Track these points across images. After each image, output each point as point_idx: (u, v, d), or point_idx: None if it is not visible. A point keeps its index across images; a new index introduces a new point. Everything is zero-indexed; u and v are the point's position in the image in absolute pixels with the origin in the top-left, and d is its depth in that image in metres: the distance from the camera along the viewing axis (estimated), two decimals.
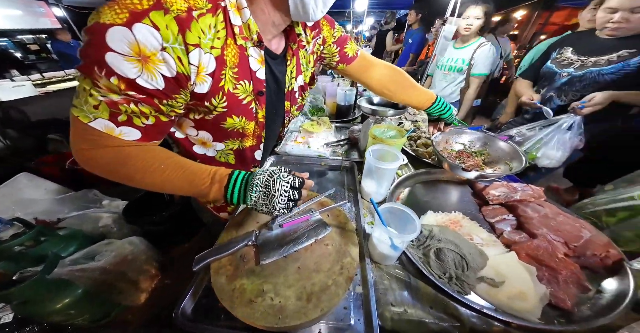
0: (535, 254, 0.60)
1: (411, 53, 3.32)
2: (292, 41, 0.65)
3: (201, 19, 0.44)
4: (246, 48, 0.54)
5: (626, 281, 0.53)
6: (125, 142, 0.46)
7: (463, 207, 0.81)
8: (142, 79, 0.41)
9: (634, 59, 1.10)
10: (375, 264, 0.61)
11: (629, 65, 1.11)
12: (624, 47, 1.13)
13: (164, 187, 0.51)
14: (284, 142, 1.13)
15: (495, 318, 0.49)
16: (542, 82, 1.41)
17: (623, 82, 1.13)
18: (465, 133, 1.02)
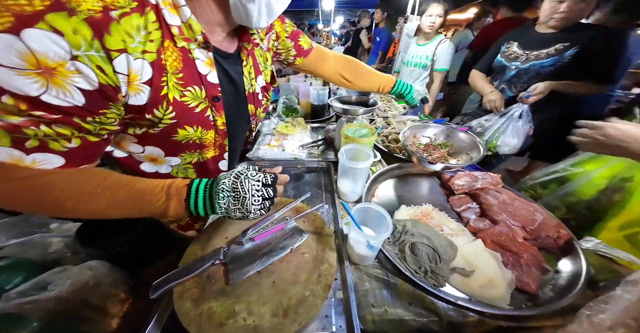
0: (499, 240, 0.60)
1: (380, 51, 3.29)
2: (245, 41, 0.57)
3: (124, 20, 0.35)
4: (190, 50, 0.45)
5: (578, 260, 0.54)
6: (43, 171, 0.36)
7: (433, 198, 0.80)
8: (50, 95, 0.31)
9: (567, 52, 1.14)
10: (354, 266, 0.57)
11: (564, 57, 1.16)
12: (559, 41, 1.17)
13: (108, 213, 0.42)
14: (256, 147, 1.04)
15: (469, 309, 0.47)
16: (495, 75, 1.44)
17: (560, 73, 1.18)
18: (430, 127, 1.01)
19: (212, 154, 0.60)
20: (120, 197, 0.41)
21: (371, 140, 0.79)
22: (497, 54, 1.40)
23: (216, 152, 0.61)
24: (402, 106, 1.52)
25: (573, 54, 1.13)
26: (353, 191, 0.76)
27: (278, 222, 0.59)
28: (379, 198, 0.80)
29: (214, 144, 0.58)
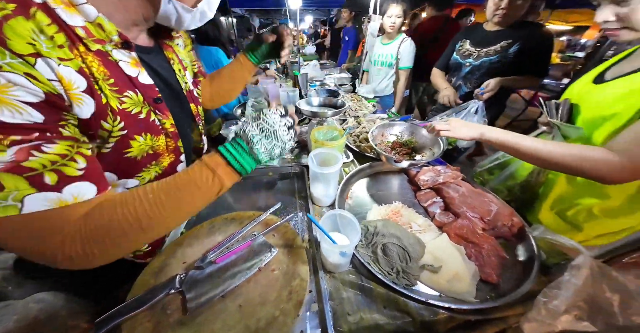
0: (461, 233, 0.60)
1: (349, 50, 3.21)
2: (166, 37, 0.50)
3: (12, 22, 0.26)
4: (108, 53, 0.37)
5: (531, 247, 0.55)
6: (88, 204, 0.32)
7: (402, 195, 0.78)
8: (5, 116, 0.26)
9: (510, 48, 1.16)
10: (329, 274, 0.54)
11: (508, 54, 1.17)
12: (504, 38, 1.17)
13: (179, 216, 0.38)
14: None
15: (439, 307, 0.46)
16: (452, 72, 1.44)
17: (506, 69, 1.19)
18: (396, 124, 0.98)
19: (168, 161, 0.52)
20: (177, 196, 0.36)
21: (340, 143, 0.75)
22: (453, 52, 1.40)
23: (172, 158, 0.53)
24: (372, 105, 1.49)
25: (515, 50, 1.15)
26: (326, 195, 0.71)
27: (244, 239, 0.53)
28: (353, 200, 0.76)
29: (167, 149, 0.50)
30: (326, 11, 6.45)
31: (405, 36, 1.66)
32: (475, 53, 1.28)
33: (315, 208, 0.72)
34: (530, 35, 1.12)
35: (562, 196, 0.67)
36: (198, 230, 0.56)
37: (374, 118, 1.24)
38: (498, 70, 1.20)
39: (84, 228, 0.31)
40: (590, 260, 0.41)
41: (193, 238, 0.53)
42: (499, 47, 1.19)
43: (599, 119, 0.57)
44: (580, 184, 0.63)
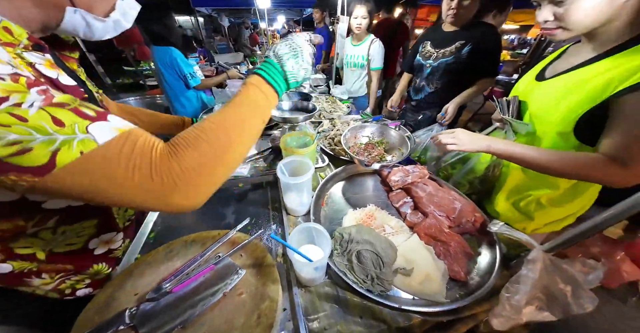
0: (430, 232, 0.61)
1: (323, 50, 3.18)
2: (65, 50, 0.46)
3: None
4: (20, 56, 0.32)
5: (493, 241, 0.58)
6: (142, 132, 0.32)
7: (376, 197, 0.78)
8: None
9: (463, 49, 1.17)
10: (304, 289, 0.51)
11: (462, 54, 1.19)
12: (458, 39, 1.19)
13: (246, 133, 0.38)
14: None
15: (413, 312, 0.46)
16: (417, 73, 1.45)
17: (460, 69, 1.21)
18: (367, 126, 0.98)
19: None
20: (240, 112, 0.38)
21: (311, 150, 0.72)
22: (417, 53, 1.41)
23: None
24: (346, 106, 1.48)
25: (468, 51, 1.18)
26: (300, 204, 0.69)
27: (207, 262, 0.48)
28: (329, 206, 0.74)
29: None
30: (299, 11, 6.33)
31: (374, 37, 1.66)
32: (434, 54, 1.29)
33: (290, 218, 0.69)
34: (481, 36, 1.14)
35: (515, 188, 0.72)
36: (153, 256, 0.50)
37: (349, 119, 1.23)
38: (454, 71, 1.23)
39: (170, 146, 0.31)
40: (542, 254, 0.43)
41: (146, 266, 0.48)
42: (454, 48, 1.21)
43: (543, 114, 0.61)
44: (530, 177, 0.67)
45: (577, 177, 0.54)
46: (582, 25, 0.49)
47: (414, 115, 1.49)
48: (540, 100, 0.62)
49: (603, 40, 0.52)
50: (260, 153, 0.98)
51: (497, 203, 0.76)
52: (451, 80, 1.27)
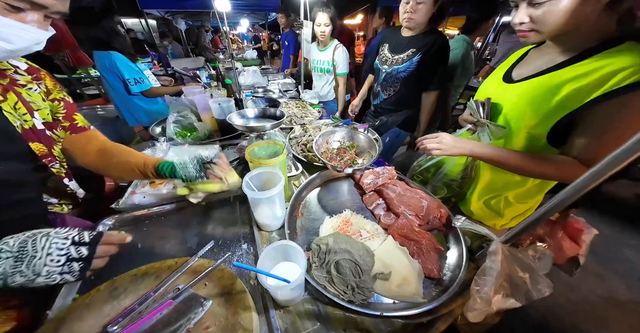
0: (403, 233, 0.62)
1: (291, 55, 3.14)
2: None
3: None
4: None
5: (458, 236, 0.60)
6: None
7: (351, 201, 0.78)
8: None
9: (414, 58, 1.13)
10: (283, 309, 0.47)
11: (413, 63, 1.14)
12: (411, 47, 1.14)
13: None
14: (130, 190, 0.73)
15: (394, 317, 0.45)
16: (376, 77, 1.41)
17: (410, 79, 1.17)
18: (337, 131, 0.97)
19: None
20: None
21: (281, 160, 0.68)
22: (377, 56, 1.36)
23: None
24: (317, 110, 1.46)
25: (418, 61, 1.12)
26: (274, 218, 0.64)
27: (163, 297, 0.41)
28: (305, 216, 0.71)
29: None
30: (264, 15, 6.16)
31: (338, 43, 1.66)
32: (389, 59, 1.24)
33: (263, 235, 0.64)
34: (430, 46, 1.10)
35: (486, 188, 0.75)
36: (93, 296, 0.41)
37: (320, 124, 1.21)
38: (404, 81, 1.20)
39: None
40: (500, 246, 0.46)
41: (84, 309, 0.39)
42: (406, 56, 1.16)
43: (517, 117, 0.60)
44: (499, 178, 0.71)
45: (554, 178, 0.58)
46: (556, 29, 0.49)
47: (372, 120, 1.43)
48: (513, 103, 0.61)
49: (569, 46, 0.53)
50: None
51: (470, 203, 0.80)
52: (402, 89, 1.25)
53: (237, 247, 0.59)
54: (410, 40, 1.16)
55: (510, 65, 0.69)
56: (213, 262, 0.48)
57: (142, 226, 0.64)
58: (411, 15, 1.06)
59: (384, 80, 1.30)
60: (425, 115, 1.30)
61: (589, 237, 0.81)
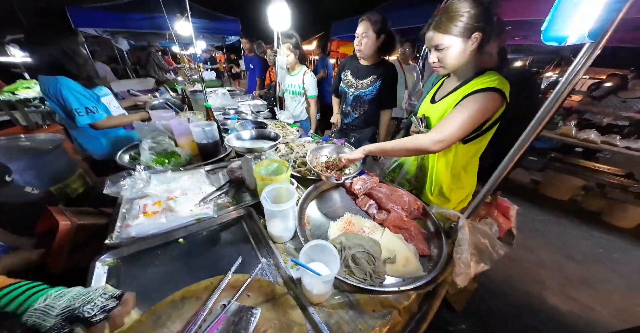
0: (396, 224, 0.76)
1: (257, 78, 3.24)
2: None
3: None
4: None
5: (433, 220, 0.78)
6: None
7: (347, 206, 0.88)
8: None
9: (376, 83, 1.37)
10: (317, 306, 0.53)
11: (375, 88, 1.38)
12: (371, 74, 1.37)
13: None
14: (119, 224, 0.68)
15: (408, 290, 0.56)
16: (342, 99, 1.63)
17: (375, 101, 1.42)
18: (324, 147, 1.10)
19: None
20: None
21: (287, 176, 0.75)
22: (341, 80, 1.58)
23: None
24: (296, 129, 1.56)
25: (379, 85, 1.37)
26: (286, 230, 0.69)
27: (212, 313, 0.43)
28: (311, 224, 0.78)
29: None
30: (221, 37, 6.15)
31: (307, 69, 1.84)
32: (355, 84, 1.46)
33: (279, 246, 0.68)
34: (385, 73, 1.35)
35: (436, 181, 0.96)
36: (136, 328, 0.40)
37: (303, 142, 1.31)
38: (371, 101, 1.46)
39: None
40: (465, 220, 0.64)
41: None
42: (369, 81, 1.40)
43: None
44: (442, 173, 0.92)
45: (417, 152, 0.84)
46: (452, 66, 0.76)
47: (340, 137, 1.62)
48: (437, 116, 0.86)
49: (461, 76, 0.81)
50: (219, 189, 0.90)
51: (427, 194, 1.00)
52: (370, 108, 1.51)
53: (257, 262, 0.62)
54: (370, 68, 1.39)
55: (434, 92, 0.97)
56: (248, 276, 0.50)
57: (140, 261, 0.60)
58: (360, 48, 1.32)
59: (353, 101, 1.51)
60: (383, 128, 1.56)
61: (514, 212, 1.11)
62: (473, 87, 0.74)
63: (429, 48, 0.79)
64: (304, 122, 1.99)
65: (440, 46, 0.74)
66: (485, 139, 0.83)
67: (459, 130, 0.72)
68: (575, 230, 2.17)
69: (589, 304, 1.47)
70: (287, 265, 0.60)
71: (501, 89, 0.71)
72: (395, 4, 3.57)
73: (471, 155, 0.87)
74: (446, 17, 0.70)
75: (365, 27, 1.26)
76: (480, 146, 0.85)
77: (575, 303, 1.49)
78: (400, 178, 1.09)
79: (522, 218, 2.27)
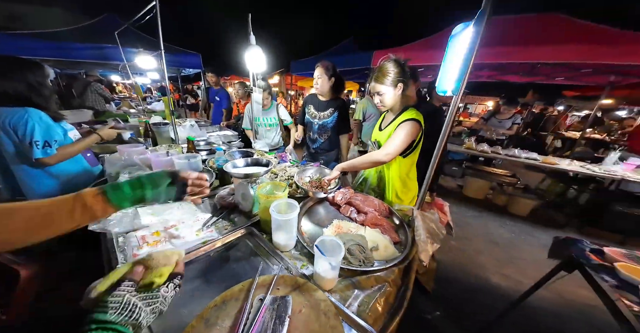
0: (373, 222, 0.97)
1: (223, 109, 3.31)
2: None
3: None
4: None
5: (397, 216, 1.03)
6: None
7: (333, 215, 1.06)
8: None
9: (334, 114, 1.76)
10: (330, 291, 0.65)
11: (334, 118, 1.77)
12: (329, 107, 1.75)
13: None
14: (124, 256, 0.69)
15: (393, 266, 0.75)
16: (309, 128, 1.95)
17: (336, 128, 1.81)
18: (306, 169, 1.29)
19: None
20: None
21: (286, 194, 0.90)
22: (305, 113, 1.92)
23: None
24: (274, 157, 1.72)
25: (336, 115, 1.80)
26: (290, 239, 0.81)
27: (254, 307, 0.52)
28: (309, 233, 0.92)
29: None
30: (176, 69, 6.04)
31: (278, 102, 2.17)
32: (317, 115, 1.84)
33: (285, 254, 0.79)
34: (340, 106, 1.76)
35: (392, 187, 1.27)
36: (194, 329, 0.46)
37: (284, 167, 1.48)
38: (333, 128, 1.82)
39: None
40: (417, 211, 0.91)
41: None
42: (329, 112, 1.78)
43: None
44: (395, 180, 1.24)
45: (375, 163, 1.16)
46: (388, 105, 1.13)
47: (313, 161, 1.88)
48: (383, 139, 1.21)
49: (394, 111, 1.19)
50: (217, 214, 0.96)
51: (387, 197, 1.29)
52: (332, 134, 1.86)
53: (270, 269, 0.71)
54: (328, 102, 1.78)
55: (380, 122, 1.33)
56: (272, 275, 0.61)
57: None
58: (317, 87, 1.70)
59: (319, 129, 1.85)
60: (344, 149, 1.91)
61: (447, 208, 1.49)
62: (402, 118, 1.11)
63: (374, 93, 1.15)
64: (282, 149, 2.20)
65: (380, 92, 1.11)
66: (416, 153, 1.20)
67: (398, 146, 1.08)
68: (493, 222, 2.82)
69: (517, 278, 1.91)
70: (297, 267, 0.72)
71: (418, 119, 1.09)
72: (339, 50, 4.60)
73: (410, 165, 1.23)
74: (381, 74, 1.08)
75: (320, 72, 1.65)
76: (414, 159, 1.22)
77: (509, 279, 1.90)
78: (367, 189, 1.37)
79: (456, 215, 2.87)
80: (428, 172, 0.91)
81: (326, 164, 1.85)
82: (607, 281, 0.80)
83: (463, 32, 0.78)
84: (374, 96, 1.16)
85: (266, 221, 0.87)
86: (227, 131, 2.46)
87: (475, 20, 0.71)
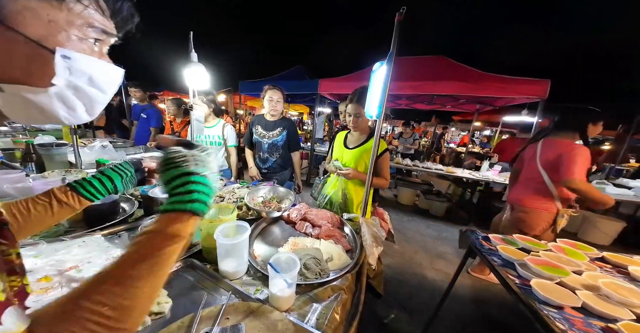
0: (327, 233, 0.99)
1: (151, 127, 2.83)
2: None
3: None
4: None
5: (347, 226, 1.09)
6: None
7: (289, 232, 1.03)
8: None
9: (283, 133, 1.78)
10: (288, 311, 0.61)
11: (284, 136, 1.78)
12: (278, 126, 1.77)
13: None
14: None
15: (346, 274, 0.77)
16: (257, 148, 1.88)
17: (285, 145, 1.80)
18: (259, 189, 1.23)
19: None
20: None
21: (234, 216, 0.83)
22: (252, 134, 1.89)
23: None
24: (219, 179, 1.56)
25: (285, 134, 1.78)
26: (240, 265, 0.73)
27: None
28: (262, 256, 0.85)
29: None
30: None
31: (225, 121, 1.98)
32: (266, 134, 1.81)
33: (236, 282, 0.70)
34: (289, 125, 1.80)
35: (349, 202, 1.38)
36: None
37: (232, 189, 1.36)
38: (282, 147, 1.84)
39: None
40: (363, 219, 1.00)
41: None
42: (277, 131, 1.79)
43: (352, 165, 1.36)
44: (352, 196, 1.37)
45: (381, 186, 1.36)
46: (360, 128, 1.32)
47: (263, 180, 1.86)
48: (350, 160, 1.36)
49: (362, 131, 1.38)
50: None
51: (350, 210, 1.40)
52: (283, 152, 1.86)
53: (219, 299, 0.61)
54: (276, 122, 1.79)
55: (344, 138, 1.49)
56: (220, 306, 0.53)
57: None
58: (275, 108, 1.74)
59: (269, 148, 1.83)
60: (297, 167, 1.93)
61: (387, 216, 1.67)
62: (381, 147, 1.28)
63: (350, 114, 1.32)
64: (227, 170, 2.01)
65: (358, 114, 1.28)
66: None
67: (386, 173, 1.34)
68: (421, 224, 3.31)
69: (447, 271, 2.20)
70: (251, 293, 0.65)
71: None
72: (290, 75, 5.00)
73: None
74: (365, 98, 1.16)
75: (278, 96, 1.73)
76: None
77: (441, 273, 2.18)
78: (334, 208, 1.44)
79: (395, 221, 3.24)
80: (366, 184, 1.04)
81: (280, 183, 1.82)
82: (496, 261, 1.02)
83: (380, 69, 0.99)
84: (347, 116, 1.31)
85: (210, 249, 0.76)
86: (155, 152, 2.10)
87: (387, 60, 0.93)
